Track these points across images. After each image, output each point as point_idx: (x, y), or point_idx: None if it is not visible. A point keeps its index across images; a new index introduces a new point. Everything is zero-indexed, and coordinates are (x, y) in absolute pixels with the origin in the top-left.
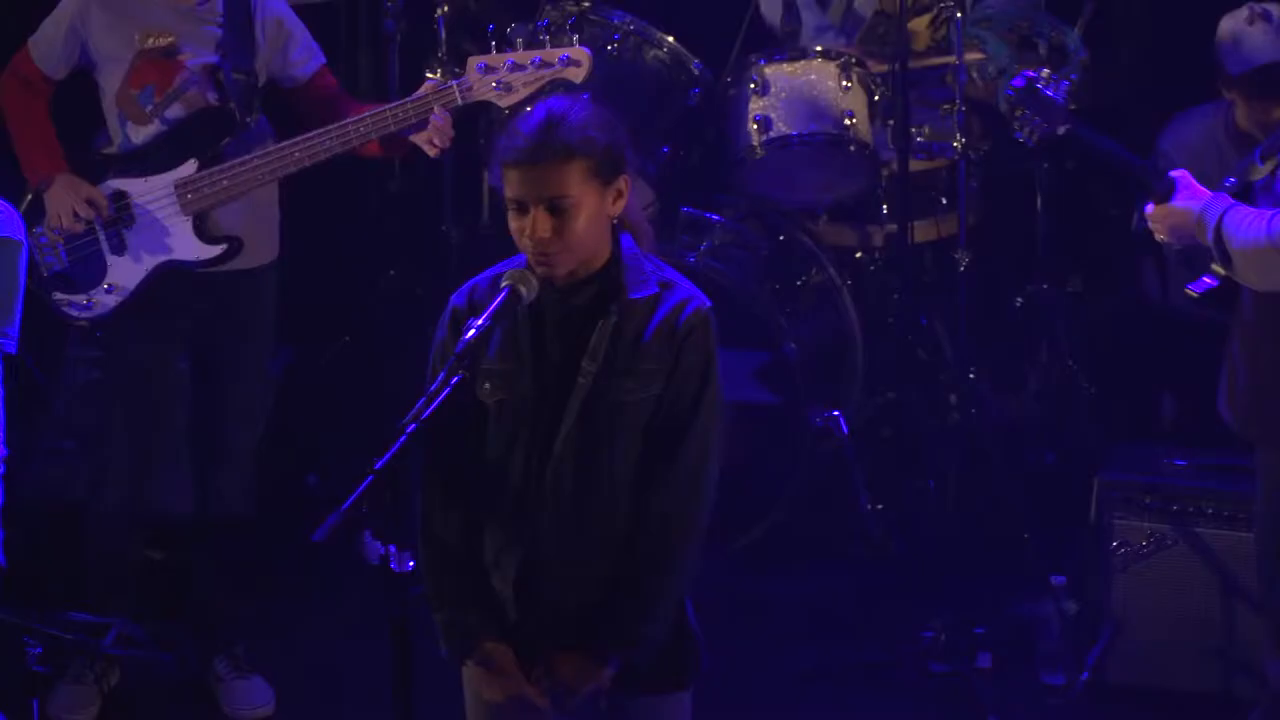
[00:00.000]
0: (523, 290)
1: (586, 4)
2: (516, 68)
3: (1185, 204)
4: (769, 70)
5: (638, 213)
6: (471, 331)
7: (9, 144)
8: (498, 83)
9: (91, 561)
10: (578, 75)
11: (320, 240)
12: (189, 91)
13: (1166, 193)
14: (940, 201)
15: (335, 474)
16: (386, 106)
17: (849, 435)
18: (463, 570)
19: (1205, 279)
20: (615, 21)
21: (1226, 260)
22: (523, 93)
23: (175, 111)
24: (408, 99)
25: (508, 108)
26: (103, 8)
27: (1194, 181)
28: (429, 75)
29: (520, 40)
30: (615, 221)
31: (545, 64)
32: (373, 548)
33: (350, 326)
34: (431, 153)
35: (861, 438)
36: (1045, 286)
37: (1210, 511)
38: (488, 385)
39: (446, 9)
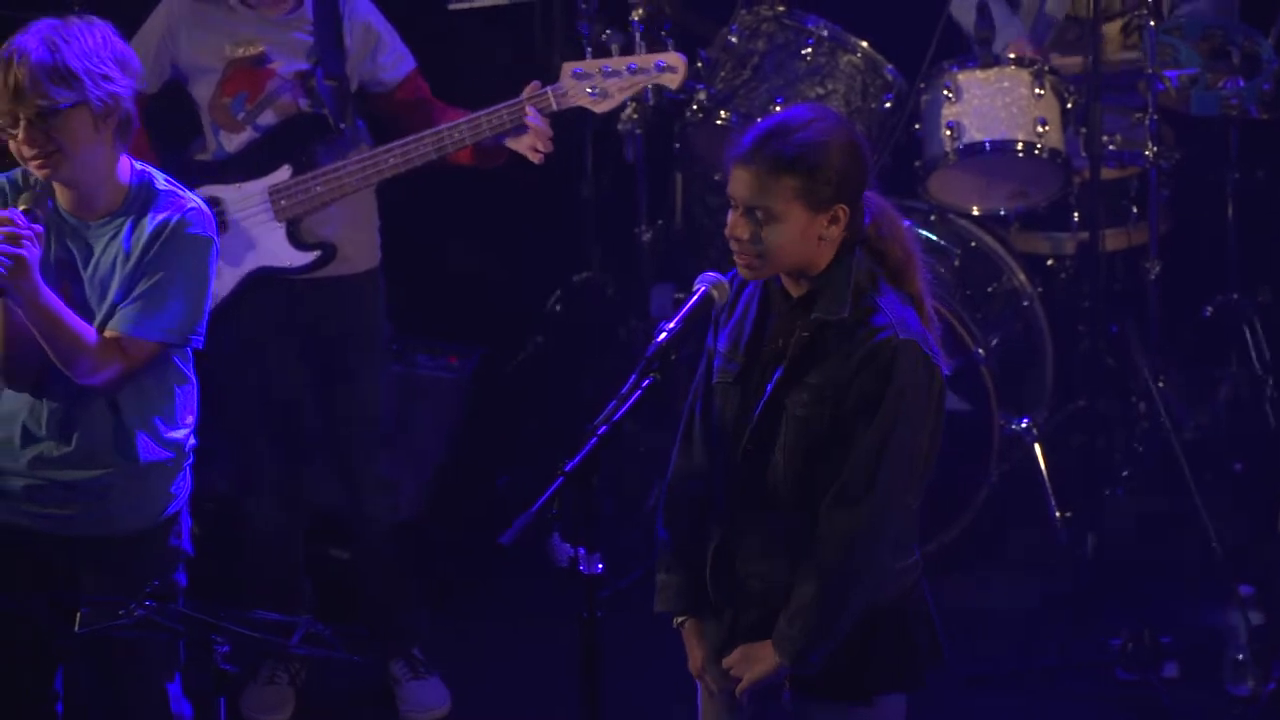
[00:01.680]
0: (715, 294)
1: (781, 8)
2: (612, 74)
3: None
4: (962, 77)
5: (899, 238)
6: (663, 335)
7: None
8: (593, 89)
9: (256, 564)
10: (673, 81)
11: (513, 243)
12: (281, 98)
13: None
14: (1131, 210)
15: (526, 476)
16: (482, 112)
17: (1038, 442)
18: (682, 539)
19: None
20: (810, 26)
21: None
22: (618, 98)
23: (267, 118)
24: (501, 105)
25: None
26: (190, 23)
27: None
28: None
29: (616, 46)
30: (846, 241)
31: (641, 70)
32: (562, 550)
33: (543, 328)
34: (535, 159)
35: (1050, 445)
36: (1235, 296)
37: None
38: (717, 364)
39: (641, 11)
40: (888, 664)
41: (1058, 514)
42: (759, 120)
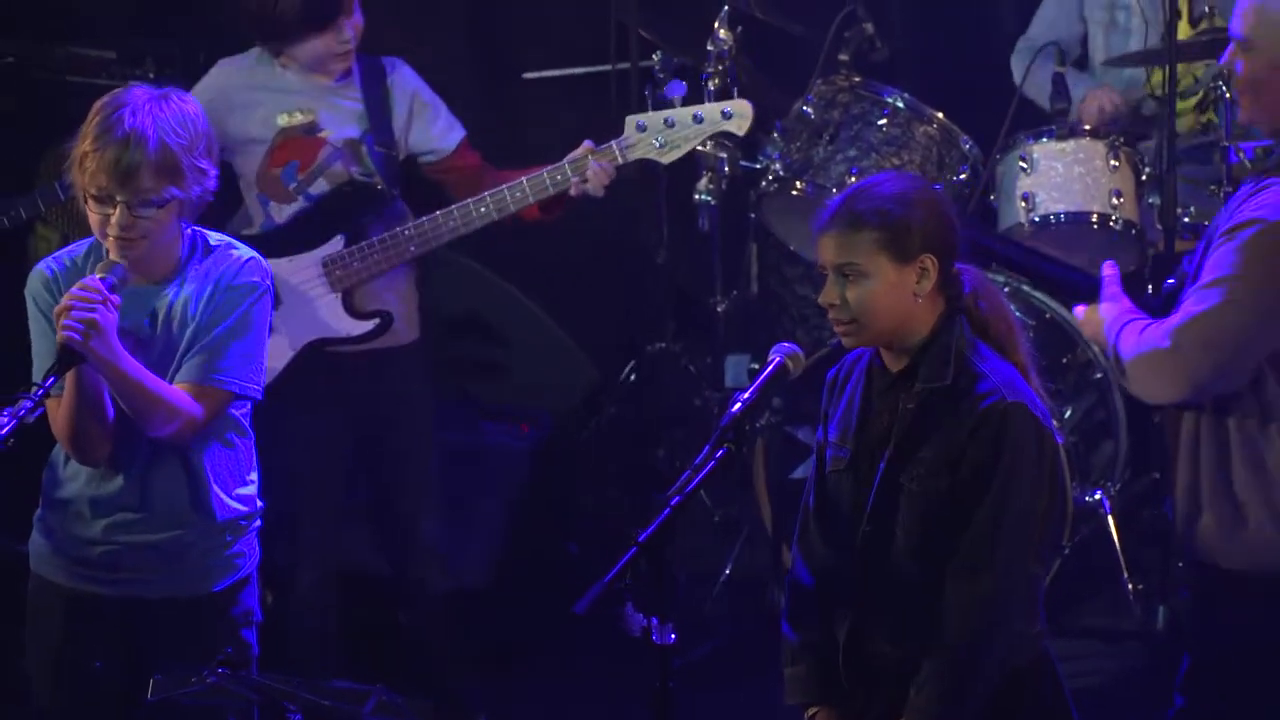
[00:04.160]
0: (790, 365)
1: (857, 79)
2: (675, 124)
3: (1103, 312)
4: (1037, 148)
5: (1000, 310)
6: (738, 405)
7: None
8: (657, 140)
9: (298, 635)
10: (740, 127)
11: (588, 312)
12: (333, 166)
13: (1094, 292)
14: None
15: (598, 545)
16: (545, 169)
17: (1111, 514)
18: (808, 632)
19: None
20: (886, 97)
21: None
22: (685, 148)
23: (319, 187)
24: (564, 161)
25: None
26: (240, 93)
27: (1117, 282)
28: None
29: (678, 98)
30: (945, 303)
31: (708, 119)
32: (635, 620)
33: (617, 398)
34: (598, 193)
35: (1123, 518)
36: None
37: None
38: (829, 454)
39: (716, 82)
40: None
41: (1130, 586)
42: (835, 191)
